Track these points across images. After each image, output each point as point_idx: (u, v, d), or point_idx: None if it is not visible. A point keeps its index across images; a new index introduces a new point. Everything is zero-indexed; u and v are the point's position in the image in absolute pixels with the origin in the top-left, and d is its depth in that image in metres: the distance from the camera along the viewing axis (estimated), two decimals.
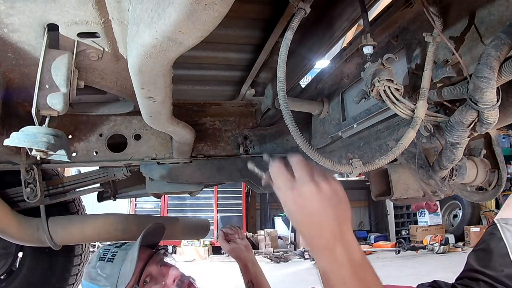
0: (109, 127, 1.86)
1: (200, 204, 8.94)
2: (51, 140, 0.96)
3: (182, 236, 3.38)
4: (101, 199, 2.53)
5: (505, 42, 0.73)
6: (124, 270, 1.14)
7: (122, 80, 1.30)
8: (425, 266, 6.14)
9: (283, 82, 0.94)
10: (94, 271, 1.16)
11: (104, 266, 1.16)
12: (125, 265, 1.15)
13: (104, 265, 1.16)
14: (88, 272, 1.18)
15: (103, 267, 1.16)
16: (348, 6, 1.22)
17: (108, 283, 1.11)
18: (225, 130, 1.99)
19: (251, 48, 1.49)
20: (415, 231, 8.50)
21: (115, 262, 1.16)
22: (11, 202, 2.00)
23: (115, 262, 1.16)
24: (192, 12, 0.64)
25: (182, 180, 1.88)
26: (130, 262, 1.13)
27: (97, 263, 1.18)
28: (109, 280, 1.12)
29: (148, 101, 1.07)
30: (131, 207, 8.64)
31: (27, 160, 1.76)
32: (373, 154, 1.27)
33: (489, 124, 0.80)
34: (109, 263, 1.17)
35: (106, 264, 1.16)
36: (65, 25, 0.96)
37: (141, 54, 0.80)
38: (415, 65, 1.04)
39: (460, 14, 0.91)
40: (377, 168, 0.95)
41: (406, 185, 1.24)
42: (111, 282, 1.11)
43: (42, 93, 0.98)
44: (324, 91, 1.64)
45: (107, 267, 1.15)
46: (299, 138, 0.95)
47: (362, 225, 10.61)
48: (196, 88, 1.83)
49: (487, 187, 1.15)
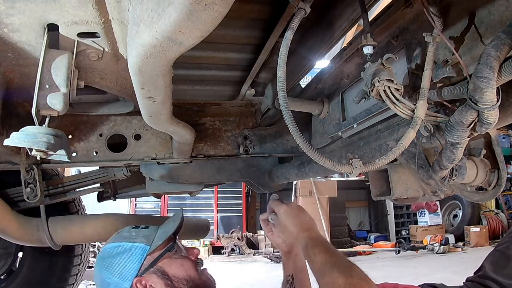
0: (109, 127, 1.86)
1: (200, 204, 8.95)
2: (51, 140, 0.96)
3: (182, 236, 3.37)
4: (101, 199, 2.53)
5: (505, 42, 0.73)
6: (164, 229, 1.21)
7: (122, 80, 1.31)
8: (425, 266, 6.14)
9: (283, 82, 0.94)
10: (128, 234, 1.20)
11: (140, 231, 1.21)
12: (166, 226, 1.23)
13: (140, 230, 1.22)
14: (120, 235, 1.21)
15: (139, 231, 1.21)
16: (348, 6, 1.22)
17: (145, 240, 1.16)
18: (225, 130, 1.99)
19: (251, 48, 1.49)
20: (415, 231, 8.50)
21: (151, 229, 1.22)
22: (11, 202, 2.01)
23: (151, 229, 1.22)
24: (192, 12, 0.64)
25: (182, 180, 1.89)
26: (173, 221, 1.24)
27: (131, 229, 1.22)
28: (146, 238, 1.17)
29: (148, 101, 1.07)
30: (131, 207, 8.64)
31: (27, 160, 1.76)
32: (373, 154, 1.27)
33: (489, 124, 0.80)
34: (145, 229, 1.22)
35: (141, 230, 1.22)
36: (65, 25, 0.97)
37: (141, 54, 0.80)
38: (415, 65, 1.04)
39: (460, 14, 0.91)
40: (377, 168, 0.95)
41: (406, 185, 1.24)
42: (148, 239, 1.16)
43: (42, 93, 0.98)
44: (324, 91, 1.64)
45: (143, 231, 1.21)
46: (299, 138, 0.95)
47: (362, 225, 10.60)
48: (196, 88, 1.83)
49: (487, 187, 1.15)
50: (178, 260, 1.18)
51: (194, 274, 1.17)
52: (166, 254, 1.16)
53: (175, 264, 1.16)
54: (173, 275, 1.13)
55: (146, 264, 1.12)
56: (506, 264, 1.24)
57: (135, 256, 1.13)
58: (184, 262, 1.18)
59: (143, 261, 1.12)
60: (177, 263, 1.17)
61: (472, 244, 7.72)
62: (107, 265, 1.13)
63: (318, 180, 8.52)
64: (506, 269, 1.22)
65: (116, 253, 1.15)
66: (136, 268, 1.11)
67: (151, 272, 1.11)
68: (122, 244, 1.16)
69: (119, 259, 1.13)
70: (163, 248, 1.17)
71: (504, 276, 1.20)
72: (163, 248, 1.17)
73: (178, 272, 1.14)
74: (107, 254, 1.16)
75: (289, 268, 1.45)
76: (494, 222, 8.44)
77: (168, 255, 1.16)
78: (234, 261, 7.71)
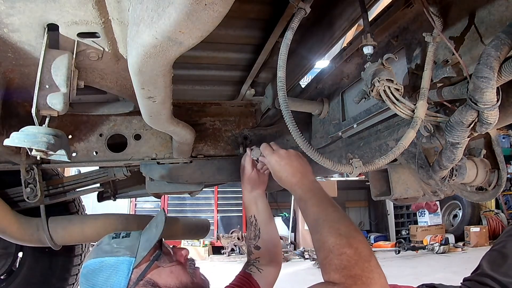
0: (109, 127, 1.86)
1: (200, 204, 8.95)
2: (51, 140, 0.96)
3: (182, 236, 3.38)
4: (101, 199, 2.53)
5: (505, 42, 0.73)
6: (147, 236, 1.14)
7: (122, 80, 1.30)
8: (425, 266, 6.14)
9: (283, 82, 0.94)
10: (108, 247, 1.11)
11: (121, 241, 1.13)
12: (148, 232, 1.16)
13: (121, 240, 1.13)
14: (100, 248, 1.12)
15: (120, 242, 1.12)
16: (348, 6, 1.22)
17: (129, 252, 1.08)
18: (225, 130, 1.99)
19: (251, 48, 1.49)
20: (415, 231, 8.51)
21: (132, 237, 1.15)
22: (11, 202, 2.01)
23: (132, 237, 1.15)
24: (192, 12, 0.64)
25: (182, 180, 1.88)
26: (156, 227, 1.15)
27: (111, 240, 1.14)
28: (129, 249, 1.09)
29: (148, 101, 1.06)
30: (131, 207, 8.64)
31: (27, 160, 1.76)
32: (373, 154, 1.27)
33: (489, 124, 0.80)
34: (126, 238, 1.14)
35: (122, 239, 1.14)
36: (65, 25, 0.96)
37: (141, 54, 0.80)
38: (415, 65, 1.04)
39: (460, 14, 0.91)
40: (377, 168, 0.95)
41: (406, 185, 1.24)
42: (131, 251, 1.08)
43: (42, 93, 0.98)
44: (324, 91, 1.64)
45: (125, 241, 1.13)
46: (299, 138, 0.95)
47: (362, 225, 10.60)
48: (196, 88, 1.83)
49: (487, 187, 1.15)
50: (167, 268, 1.12)
51: (186, 279, 1.12)
52: (154, 264, 1.09)
53: (165, 273, 1.10)
54: (164, 284, 1.08)
55: (134, 278, 1.05)
56: (503, 262, 1.24)
57: (120, 272, 1.05)
58: (173, 268, 1.12)
59: (130, 275, 1.05)
60: (166, 272, 1.10)
61: (472, 244, 7.72)
62: (92, 285, 1.05)
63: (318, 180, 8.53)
64: (503, 267, 1.22)
65: (100, 271, 1.06)
66: (124, 285, 1.04)
67: (140, 286, 1.05)
68: (104, 260, 1.08)
69: (104, 277, 1.05)
70: (149, 258, 1.10)
71: (501, 274, 1.21)
72: (149, 258, 1.10)
73: (169, 281, 1.09)
74: (90, 272, 1.07)
75: (251, 209, 1.53)
76: (494, 222, 8.45)
77: (156, 264, 1.10)
78: (234, 261, 7.70)
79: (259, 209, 1.52)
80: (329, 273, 0.92)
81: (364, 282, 0.87)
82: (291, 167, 1.24)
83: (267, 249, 1.48)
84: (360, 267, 0.89)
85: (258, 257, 1.47)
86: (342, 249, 0.93)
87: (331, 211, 1.06)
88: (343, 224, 1.00)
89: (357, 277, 0.88)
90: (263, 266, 1.45)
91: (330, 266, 0.92)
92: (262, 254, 1.47)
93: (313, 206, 1.10)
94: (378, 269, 0.91)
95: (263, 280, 1.41)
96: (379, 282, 0.89)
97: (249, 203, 1.53)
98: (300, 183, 1.20)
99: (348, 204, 9.80)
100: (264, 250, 1.47)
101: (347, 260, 0.91)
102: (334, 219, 1.03)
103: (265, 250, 1.47)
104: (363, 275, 0.88)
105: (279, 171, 1.26)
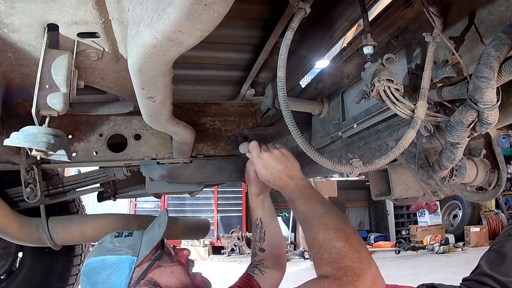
0: (109, 127, 1.86)
1: (200, 204, 8.95)
2: (51, 140, 0.96)
3: (182, 236, 3.38)
4: (101, 199, 2.53)
5: (505, 42, 0.73)
6: (149, 236, 1.14)
7: (122, 80, 1.30)
8: (425, 266, 6.15)
9: (283, 82, 0.94)
10: (111, 245, 1.11)
11: (123, 240, 1.13)
12: (151, 232, 1.16)
13: (123, 239, 1.14)
14: (102, 247, 1.12)
15: (122, 241, 1.13)
16: (348, 6, 1.22)
17: (131, 251, 1.08)
18: (225, 130, 1.99)
19: (251, 48, 1.49)
20: (415, 231, 8.51)
21: (135, 236, 1.15)
22: (11, 202, 2.00)
23: (135, 236, 1.15)
24: (192, 12, 0.64)
25: (182, 180, 1.88)
26: (159, 227, 1.15)
27: (113, 239, 1.14)
28: (131, 248, 1.09)
29: (148, 101, 1.07)
30: (131, 207, 8.65)
31: (27, 160, 1.76)
32: (373, 154, 1.27)
33: (489, 124, 0.80)
34: (128, 237, 1.15)
35: (124, 238, 1.14)
36: (65, 25, 0.96)
37: (141, 54, 0.80)
38: (415, 65, 1.04)
39: (460, 14, 0.91)
40: (377, 168, 0.95)
41: (406, 185, 1.24)
42: (133, 250, 1.09)
43: (42, 93, 0.98)
44: (324, 91, 1.64)
45: (127, 240, 1.13)
46: (299, 138, 0.95)
47: (362, 225, 10.61)
48: (196, 88, 1.83)
49: (487, 187, 1.15)
50: (168, 268, 1.12)
51: (186, 280, 1.13)
52: (155, 264, 1.10)
53: (166, 273, 1.11)
54: (165, 284, 1.08)
55: (135, 277, 1.06)
56: (501, 262, 1.24)
57: (122, 270, 1.05)
58: (174, 269, 1.13)
59: (132, 274, 1.05)
60: (167, 272, 1.11)
61: (472, 244, 7.72)
62: (93, 283, 1.05)
63: (318, 180, 8.53)
64: (503, 267, 1.23)
65: (101, 269, 1.06)
66: (125, 283, 1.04)
67: (141, 285, 1.05)
68: (106, 258, 1.08)
69: (105, 275, 1.05)
70: (151, 258, 1.10)
71: (500, 273, 1.21)
72: (151, 258, 1.10)
73: (170, 281, 1.09)
74: (91, 270, 1.07)
75: (257, 212, 1.53)
76: (494, 222, 8.45)
77: (158, 264, 1.11)
78: (234, 261, 7.71)
79: (265, 212, 1.53)
80: (321, 267, 0.95)
81: (355, 272, 0.90)
82: (277, 171, 1.25)
83: (271, 252, 1.50)
84: (350, 259, 0.92)
85: (262, 259, 1.48)
86: (332, 243, 0.96)
87: (318, 207, 1.10)
88: (331, 218, 1.04)
89: (348, 268, 0.91)
90: (267, 269, 1.46)
91: (322, 261, 0.96)
92: (266, 256, 1.48)
93: (301, 205, 1.14)
94: (369, 259, 0.94)
95: (265, 282, 1.41)
96: (370, 272, 0.92)
97: (255, 206, 1.54)
98: (287, 185, 1.23)
99: (348, 204, 9.80)
100: (269, 253, 1.49)
101: (337, 253, 0.94)
102: (321, 214, 1.07)
103: (270, 253, 1.49)
104: (353, 266, 0.91)
105: (265, 175, 1.28)
